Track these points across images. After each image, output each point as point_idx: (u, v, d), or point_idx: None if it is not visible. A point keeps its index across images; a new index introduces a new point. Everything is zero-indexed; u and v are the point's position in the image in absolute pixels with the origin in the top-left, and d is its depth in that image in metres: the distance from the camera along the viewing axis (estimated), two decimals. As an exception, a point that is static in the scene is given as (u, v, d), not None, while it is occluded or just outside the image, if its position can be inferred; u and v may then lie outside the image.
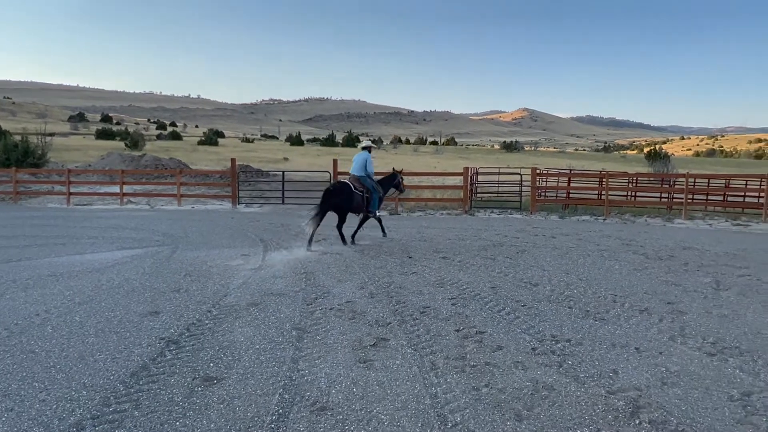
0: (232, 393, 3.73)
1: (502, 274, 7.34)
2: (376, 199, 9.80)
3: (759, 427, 3.38)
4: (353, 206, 9.55)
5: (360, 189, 9.59)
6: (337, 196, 9.31)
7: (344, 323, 5.21)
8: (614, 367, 4.24)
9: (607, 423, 3.40)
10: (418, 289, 6.45)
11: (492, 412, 3.51)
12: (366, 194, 9.67)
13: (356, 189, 9.52)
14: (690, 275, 7.40)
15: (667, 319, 5.45)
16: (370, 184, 9.76)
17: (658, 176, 22.62)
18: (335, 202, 9.30)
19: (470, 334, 4.95)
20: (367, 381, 3.95)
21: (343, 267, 7.67)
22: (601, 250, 9.23)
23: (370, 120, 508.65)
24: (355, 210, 9.68)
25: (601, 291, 6.48)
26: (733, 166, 52.62)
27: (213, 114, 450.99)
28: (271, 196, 18.13)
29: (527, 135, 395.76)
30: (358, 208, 9.67)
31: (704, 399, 3.73)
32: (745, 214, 15.50)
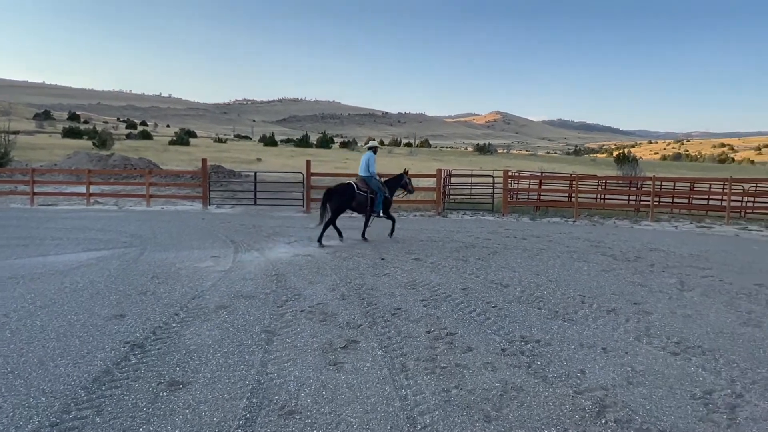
0: (199, 398, 3.66)
1: (473, 275, 7.38)
2: (380, 199, 10.06)
3: (720, 424, 3.46)
4: (355, 206, 9.95)
5: (364, 190, 9.95)
6: (338, 196, 9.67)
7: (315, 325, 5.16)
8: (582, 367, 4.29)
9: (574, 423, 3.44)
10: (389, 291, 6.44)
11: (461, 414, 3.51)
12: (371, 194, 9.99)
13: (360, 190, 9.89)
14: (656, 276, 7.57)
15: (634, 319, 5.55)
16: (375, 185, 10.07)
17: (627, 179, 23.10)
18: (335, 201, 9.66)
19: (441, 335, 4.96)
20: (337, 384, 3.92)
21: (315, 269, 7.61)
22: (570, 251, 9.37)
23: (344, 121, 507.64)
24: (358, 210, 10.09)
25: (570, 292, 6.57)
26: (697, 170, 54.12)
27: (185, 113, 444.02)
28: (243, 197, 17.92)
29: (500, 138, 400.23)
30: (361, 208, 10.03)
31: (668, 397, 3.81)
32: (709, 216, 15.94)
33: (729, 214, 14.89)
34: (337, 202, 9.67)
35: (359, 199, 9.88)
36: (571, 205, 16.07)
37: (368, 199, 9.98)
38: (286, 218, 13.85)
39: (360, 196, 9.88)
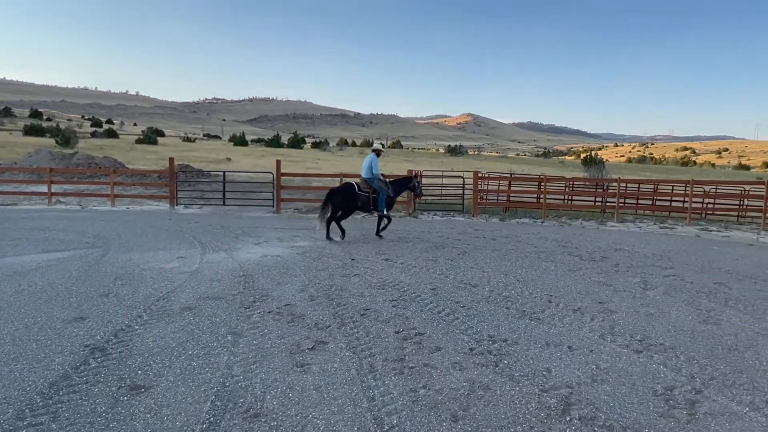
0: (161, 401, 3.57)
1: (443, 275, 7.41)
2: (382, 199, 10.36)
3: (680, 420, 3.54)
4: (357, 205, 10.31)
5: (366, 190, 10.33)
6: (338, 195, 10.18)
7: (282, 327, 5.10)
8: (548, 366, 4.34)
9: (540, 421, 3.47)
10: (359, 292, 6.41)
11: (428, 414, 3.51)
12: (373, 194, 10.34)
13: (361, 190, 10.31)
14: (620, 275, 7.72)
15: (599, 318, 5.65)
16: (377, 185, 10.37)
17: (593, 181, 23.57)
18: (336, 200, 10.16)
19: (410, 335, 4.96)
20: (304, 385, 3.87)
21: (284, 269, 7.53)
22: (538, 251, 9.49)
23: (316, 121, 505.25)
24: (360, 209, 10.46)
25: (538, 291, 6.65)
26: (661, 173, 55.60)
27: (152, 112, 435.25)
28: (211, 197, 17.64)
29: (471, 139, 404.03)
30: (364, 207, 10.41)
31: (630, 394, 3.88)
32: (672, 217, 16.37)
33: (690, 215, 15.32)
34: (339, 201, 10.14)
35: (362, 198, 10.29)
36: (540, 206, 16.31)
37: (370, 198, 10.33)
38: (256, 219, 13.69)
39: (362, 196, 10.28)
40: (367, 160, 10.55)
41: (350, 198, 10.22)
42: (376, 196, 10.36)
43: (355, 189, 10.28)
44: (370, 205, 10.40)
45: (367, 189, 10.35)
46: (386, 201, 10.48)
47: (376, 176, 10.45)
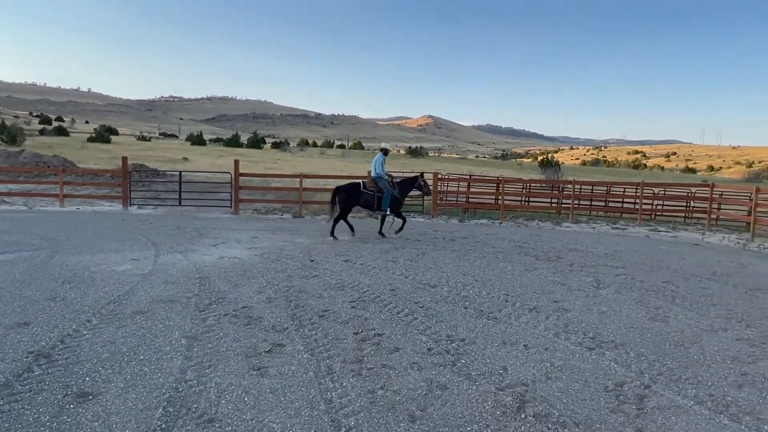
0: (110, 409, 3.44)
1: (402, 276, 7.43)
2: (386, 199, 10.57)
3: (629, 414, 3.64)
4: (361, 203, 10.64)
5: (371, 189, 10.58)
6: (344, 193, 10.53)
7: (239, 329, 5.00)
8: (504, 364, 4.41)
9: (496, 419, 3.52)
10: (318, 293, 6.36)
11: (386, 415, 3.50)
12: (378, 194, 10.57)
13: (367, 189, 10.57)
14: (574, 275, 7.92)
15: (553, 316, 5.78)
16: (383, 185, 10.60)
17: (549, 183, 24.14)
18: (341, 197, 10.49)
19: (368, 336, 4.95)
20: (260, 389, 3.81)
21: (241, 271, 7.40)
22: (496, 252, 9.64)
23: (276, 121, 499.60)
24: (365, 207, 10.79)
25: (495, 291, 6.75)
26: (614, 175, 57.32)
27: (105, 110, 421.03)
28: (167, 198, 17.19)
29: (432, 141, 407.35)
30: (368, 206, 10.72)
31: (583, 391, 3.98)
32: (623, 218, 16.92)
33: (641, 216, 15.88)
34: (343, 199, 10.46)
35: (366, 197, 10.56)
36: (498, 207, 16.58)
37: (375, 197, 10.56)
38: (213, 220, 13.41)
39: (366, 195, 10.55)
40: (375, 159, 10.85)
41: (353, 196, 10.51)
42: (381, 195, 10.57)
43: (360, 187, 10.56)
44: (375, 204, 10.64)
45: (373, 188, 10.61)
46: (392, 201, 10.68)
47: (381, 175, 10.64)
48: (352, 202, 10.60)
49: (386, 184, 10.67)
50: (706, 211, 15.71)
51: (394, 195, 10.72)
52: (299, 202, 15.38)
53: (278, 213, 15.43)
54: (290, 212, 15.48)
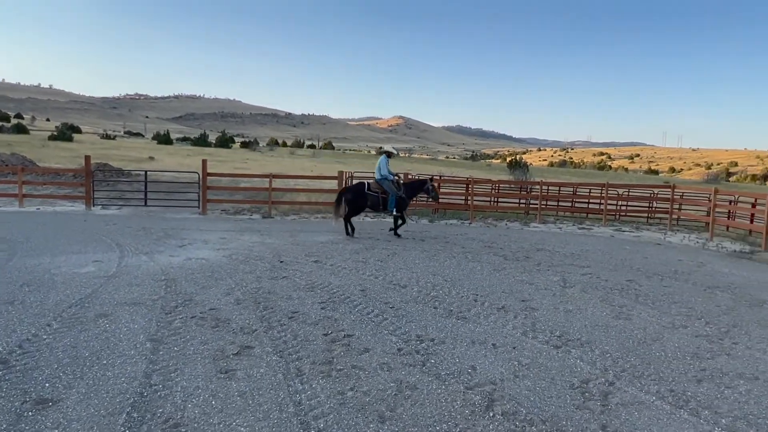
0: (71, 416, 3.34)
1: (372, 276, 7.43)
2: (392, 200, 10.82)
3: (594, 411, 3.72)
4: (366, 204, 10.95)
5: (376, 190, 10.87)
6: (349, 193, 10.97)
7: (206, 332, 4.92)
8: (473, 364, 4.45)
9: (465, 418, 3.55)
10: (287, 294, 6.31)
11: (355, 416, 3.50)
12: (382, 195, 10.84)
13: (371, 190, 10.88)
14: (542, 274, 8.05)
15: (521, 315, 5.86)
16: (388, 186, 10.85)
17: (518, 183, 24.49)
18: (347, 197, 10.87)
19: (338, 337, 4.93)
20: (228, 392, 3.75)
21: (209, 273, 7.28)
22: (465, 252, 9.73)
23: (245, 121, 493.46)
24: (371, 207, 11.09)
25: (464, 291, 6.81)
26: (580, 176, 58.53)
27: (68, 107, 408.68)
28: (132, 198, 16.80)
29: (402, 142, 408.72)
30: (374, 206, 11.03)
31: (550, 388, 4.04)
32: (589, 218, 17.28)
33: (606, 216, 16.25)
34: (350, 199, 10.84)
35: (371, 198, 10.87)
36: (468, 207, 16.73)
37: (380, 199, 10.85)
38: (180, 220, 13.17)
39: (371, 196, 10.87)
40: (379, 161, 11.12)
41: (359, 196, 10.86)
42: (386, 197, 10.80)
43: (365, 188, 10.88)
44: (380, 205, 10.94)
45: (378, 189, 10.88)
46: (397, 202, 10.87)
47: (385, 177, 10.87)
48: (359, 203, 10.92)
49: (390, 185, 10.88)
50: (668, 212, 16.17)
51: (399, 196, 10.93)
52: (268, 203, 15.23)
53: (247, 213, 15.25)
54: (259, 213, 15.32)
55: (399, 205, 10.95)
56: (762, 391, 4.17)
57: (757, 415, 3.77)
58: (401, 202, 11.00)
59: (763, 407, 3.89)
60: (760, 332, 5.67)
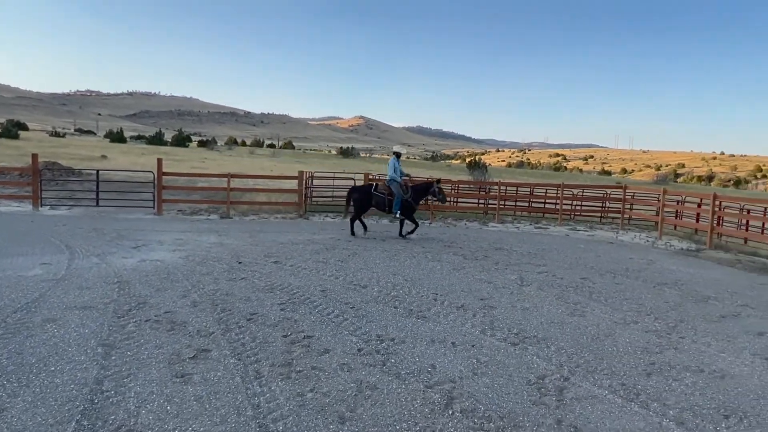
0: (15, 426, 3.20)
1: (333, 277, 7.40)
2: (397, 202, 10.84)
3: (550, 406, 3.81)
4: (372, 204, 11.15)
5: (383, 191, 10.99)
6: (356, 193, 11.24)
7: (161, 336, 4.80)
8: (433, 362, 4.49)
9: (424, 416, 3.58)
10: (246, 296, 6.21)
11: (315, 417, 3.47)
12: (389, 197, 10.90)
13: (378, 191, 11.03)
14: (500, 273, 8.20)
15: (480, 314, 5.95)
16: (395, 187, 10.88)
17: (477, 184, 24.84)
18: (354, 197, 11.16)
19: (298, 339, 4.89)
20: (184, 396, 3.67)
21: (164, 275, 7.10)
22: (425, 251, 9.81)
23: (203, 119, 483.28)
24: (377, 207, 11.25)
25: (424, 291, 6.86)
26: (537, 177, 59.83)
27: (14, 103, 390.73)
28: (83, 198, 16.20)
29: (363, 142, 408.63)
30: (380, 207, 11.18)
31: (507, 385, 4.12)
32: (545, 218, 17.69)
33: (561, 216, 16.67)
34: (357, 198, 11.11)
35: (377, 199, 11.03)
36: (427, 207, 16.86)
37: (386, 200, 10.94)
38: (134, 221, 12.78)
39: (377, 197, 11.02)
40: (389, 162, 11.21)
41: (365, 196, 11.08)
42: (392, 198, 10.78)
43: (372, 188, 11.09)
44: (385, 207, 11.04)
45: (384, 190, 10.98)
46: (402, 205, 10.84)
47: (393, 179, 10.90)
48: (365, 203, 11.10)
49: (398, 187, 10.85)
50: (620, 212, 16.72)
51: (405, 199, 10.89)
52: (227, 203, 14.95)
53: (205, 214, 14.94)
54: (217, 213, 15.03)
55: (405, 209, 10.96)
56: (707, 383, 4.37)
57: (702, 406, 3.94)
58: (407, 206, 10.99)
59: (708, 398, 4.07)
60: (705, 326, 5.93)
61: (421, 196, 11.44)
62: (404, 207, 10.94)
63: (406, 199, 10.91)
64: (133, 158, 40.07)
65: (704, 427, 3.62)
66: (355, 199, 11.15)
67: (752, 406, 3.98)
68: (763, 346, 5.34)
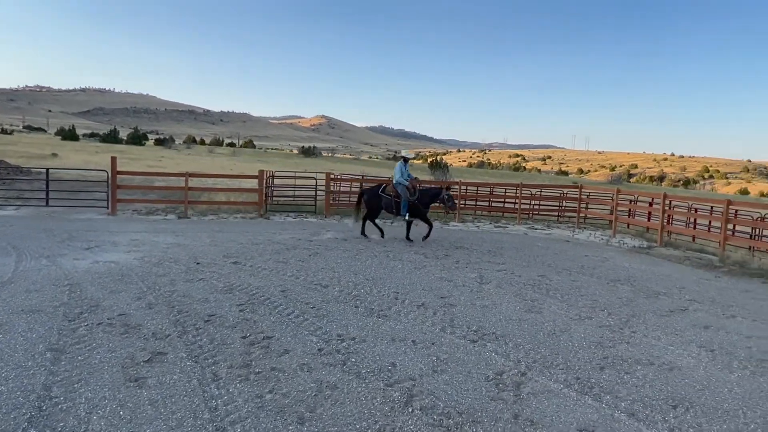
0: (-44, 436, 3.05)
1: (293, 277, 7.34)
2: (404, 205, 10.85)
3: (507, 401, 3.88)
4: (382, 206, 11.16)
5: (390, 193, 11.02)
6: (365, 194, 11.37)
7: (114, 339, 4.66)
8: (393, 361, 4.50)
9: (384, 414, 3.59)
10: (203, 297, 6.09)
11: (274, 419, 3.44)
12: (396, 199, 10.93)
13: (385, 192, 11.07)
14: (460, 271, 8.30)
15: (440, 312, 6.00)
16: (402, 190, 10.90)
17: (438, 183, 25.04)
18: (364, 199, 11.34)
19: (257, 340, 4.83)
20: (138, 401, 3.57)
21: (119, 276, 6.89)
22: (387, 251, 9.83)
23: (160, 117, 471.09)
24: (385, 210, 11.23)
25: (385, 290, 6.88)
26: (497, 177, 60.81)
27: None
28: (32, 198, 15.55)
29: (325, 141, 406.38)
30: (387, 209, 11.16)
31: (466, 382, 4.17)
32: (505, 217, 18.01)
33: (520, 215, 17.00)
34: (366, 200, 11.28)
35: (384, 200, 11.06)
36: (390, 207, 16.92)
37: (393, 202, 10.96)
38: (87, 221, 12.36)
39: (385, 199, 11.05)
40: (396, 166, 11.28)
41: (373, 197, 11.17)
42: (399, 201, 10.80)
43: (380, 190, 11.17)
44: (393, 209, 11.04)
45: (392, 192, 11.00)
46: (409, 208, 10.80)
47: (399, 182, 10.94)
48: (373, 204, 11.19)
49: (405, 190, 10.88)
50: (576, 211, 17.17)
51: (412, 202, 10.88)
52: (185, 202, 14.62)
53: (162, 214, 14.57)
54: (175, 213, 14.68)
55: (412, 212, 10.96)
56: (656, 375, 4.53)
57: (652, 397, 4.09)
58: (414, 209, 10.96)
59: (657, 390, 4.22)
60: (655, 321, 6.16)
61: (430, 201, 11.28)
62: (412, 210, 10.98)
63: (413, 201, 10.92)
64: (86, 157, 38.75)
65: (653, 418, 3.75)
66: (366, 201, 11.32)
67: (698, 396, 4.15)
68: (709, 339, 5.58)
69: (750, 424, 3.73)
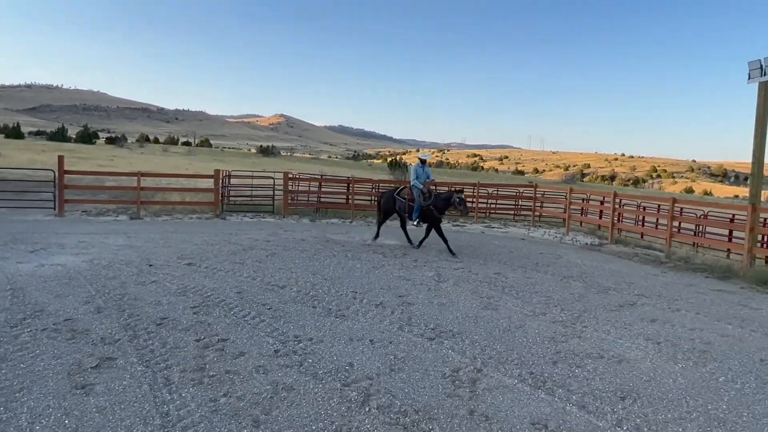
0: None
1: (250, 278, 7.23)
2: (417, 209, 10.40)
3: (463, 397, 3.93)
4: (395, 209, 10.95)
5: (404, 196, 10.69)
6: (382, 197, 11.30)
7: (60, 345, 4.47)
8: (350, 360, 4.49)
9: (341, 414, 3.57)
10: (156, 300, 5.93)
11: (228, 423, 3.38)
12: (411, 202, 10.52)
13: (401, 195, 10.78)
14: (418, 270, 8.36)
15: (398, 311, 6.03)
16: (416, 193, 10.50)
17: (398, 183, 25.15)
18: (380, 202, 11.32)
19: (212, 342, 4.73)
20: (84, 409, 3.44)
21: (66, 280, 6.63)
22: (345, 250, 9.81)
23: (111, 114, 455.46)
24: (399, 212, 10.96)
25: (344, 289, 6.86)
26: (455, 176, 61.56)
27: None
28: (-29, 198, 14.78)
29: (284, 141, 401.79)
30: (400, 211, 10.90)
31: (423, 379, 4.20)
32: (462, 216, 18.24)
33: (477, 214, 17.26)
34: (382, 203, 11.17)
35: (399, 203, 10.78)
36: (349, 206, 16.89)
37: (406, 205, 10.59)
38: (32, 222, 11.84)
39: (399, 202, 10.76)
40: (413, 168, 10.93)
41: (388, 200, 10.98)
42: (413, 204, 10.42)
43: (395, 192, 10.94)
44: (405, 212, 10.71)
45: (407, 195, 10.65)
46: (421, 212, 10.36)
47: (414, 185, 10.55)
48: (388, 206, 11.00)
49: (418, 193, 10.47)
50: (531, 209, 17.56)
51: (425, 207, 10.32)
52: (137, 203, 14.19)
53: (113, 214, 14.10)
54: (127, 213, 14.24)
55: (423, 217, 10.42)
56: (606, 368, 4.68)
57: (602, 389, 4.22)
58: (426, 214, 10.37)
59: (607, 382, 4.36)
60: (605, 315, 6.36)
61: (444, 206, 10.49)
62: (424, 215, 10.44)
63: (427, 206, 10.34)
64: (32, 155, 37.10)
65: (603, 410, 3.87)
66: (381, 203, 11.17)
67: (645, 387, 4.31)
68: (655, 332, 5.80)
69: (692, 413, 3.90)
